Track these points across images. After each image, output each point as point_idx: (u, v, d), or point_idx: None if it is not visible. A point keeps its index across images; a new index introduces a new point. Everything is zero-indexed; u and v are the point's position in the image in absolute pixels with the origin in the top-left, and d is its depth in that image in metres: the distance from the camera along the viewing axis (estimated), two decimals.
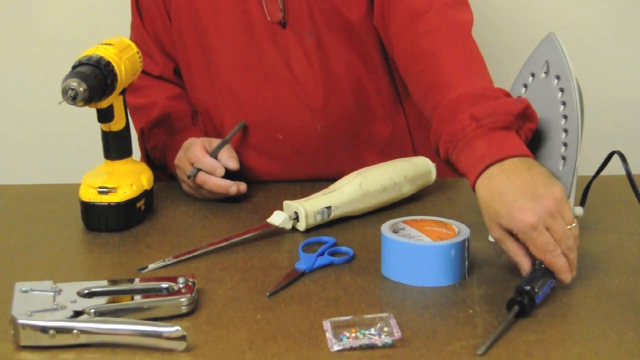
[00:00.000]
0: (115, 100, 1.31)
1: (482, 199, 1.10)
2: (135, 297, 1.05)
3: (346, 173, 1.36)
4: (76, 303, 1.02)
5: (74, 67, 1.25)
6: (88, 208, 1.31)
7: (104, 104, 1.29)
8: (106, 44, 1.30)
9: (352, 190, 1.32)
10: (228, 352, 0.98)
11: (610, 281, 1.14)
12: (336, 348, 0.97)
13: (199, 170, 1.39)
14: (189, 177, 1.39)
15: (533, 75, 1.19)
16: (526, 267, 1.08)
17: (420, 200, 1.41)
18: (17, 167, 2.09)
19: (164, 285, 1.07)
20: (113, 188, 1.30)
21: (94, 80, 1.23)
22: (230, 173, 1.41)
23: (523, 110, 1.15)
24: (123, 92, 1.33)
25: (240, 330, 1.02)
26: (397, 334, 0.98)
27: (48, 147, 2.10)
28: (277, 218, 1.28)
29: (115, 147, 1.34)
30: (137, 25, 1.57)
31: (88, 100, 1.24)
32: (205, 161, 1.39)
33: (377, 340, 0.98)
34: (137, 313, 1.03)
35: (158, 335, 0.97)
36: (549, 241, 1.06)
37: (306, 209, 1.28)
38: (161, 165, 1.52)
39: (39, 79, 2.04)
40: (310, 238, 1.26)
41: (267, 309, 1.07)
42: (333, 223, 1.31)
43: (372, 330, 0.99)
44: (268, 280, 1.14)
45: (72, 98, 1.22)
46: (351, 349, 0.97)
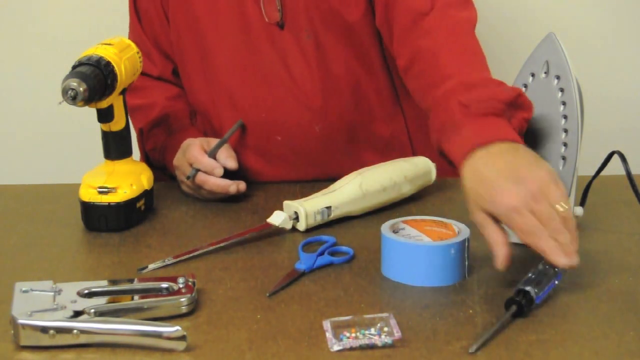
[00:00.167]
0: (115, 100, 1.31)
1: (466, 183, 1.09)
2: (135, 297, 1.05)
3: (345, 174, 1.36)
4: (76, 303, 1.02)
5: (74, 67, 1.25)
6: (88, 208, 1.31)
7: (104, 104, 1.29)
8: (106, 44, 1.30)
9: (352, 190, 1.32)
10: (228, 352, 0.98)
11: (610, 281, 1.14)
12: (336, 348, 0.97)
13: (198, 170, 1.39)
14: (188, 178, 1.39)
15: (533, 75, 1.19)
16: (500, 257, 1.06)
17: (420, 200, 1.41)
18: (17, 167, 2.09)
19: (164, 285, 1.07)
20: (113, 188, 1.30)
21: (94, 80, 1.23)
22: (229, 173, 1.41)
23: (514, 98, 1.15)
24: (123, 92, 1.33)
25: (240, 330, 1.02)
26: (397, 334, 0.98)
27: (48, 147, 2.10)
28: (277, 218, 1.28)
29: (115, 147, 1.34)
30: (135, 26, 1.57)
31: (88, 100, 1.24)
32: (203, 161, 1.39)
33: (377, 340, 0.98)
34: (137, 313, 1.03)
35: (158, 335, 0.97)
36: (533, 224, 1.04)
37: (306, 209, 1.28)
38: (160, 166, 1.52)
39: (39, 79, 2.04)
40: (310, 238, 1.26)
41: (267, 309, 1.07)
42: (333, 223, 1.31)
43: (372, 330, 0.99)
44: (268, 280, 1.14)
45: (72, 98, 1.22)
46: (351, 349, 0.97)
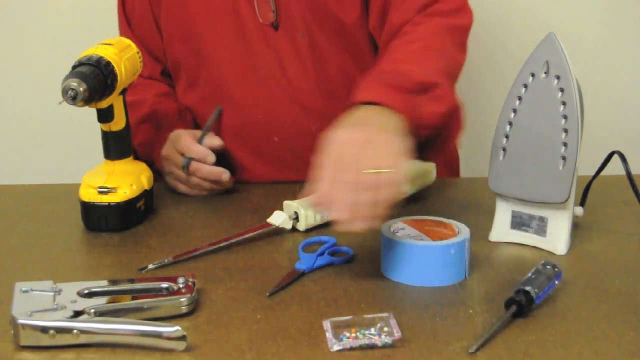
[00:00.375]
0: (115, 100, 1.31)
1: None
2: (135, 297, 1.05)
3: None
4: (76, 303, 1.02)
5: (74, 67, 1.25)
6: (88, 208, 1.31)
7: (104, 104, 1.29)
8: (106, 44, 1.30)
9: None
10: (228, 352, 0.98)
11: (610, 281, 1.14)
12: (336, 348, 0.97)
13: (191, 159, 1.40)
14: (184, 168, 1.40)
15: (533, 75, 1.19)
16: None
17: (420, 200, 1.41)
18: (17, 167, 2.09)
19: (164, 285, 1.07)
20: (113, 188, 1.30)
21: (94, 80, 1.23)
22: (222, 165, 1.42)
23: (428, 84, 1.17)
24: (123, 92, 1.33)
25: (240, 330, 1.02)
26: (397, 334, 0.98)
27: (48, 147, 2.10)
28: (277, 218, 1.28)
29: (115, 147, 1.34)
30: (125, 29, 1.58)
31: (88, 100, 1.24)
32: (196, 149, 1.41)
33: (377, 340, 0.98)
34: (137, 313, 1.03)
35: (158, 335, 0.97)
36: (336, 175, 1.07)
37: (306, 209, 1.28)
38: (147, 161, 1.52)
39: (39, 79, 2.04)
40: (310, 238, 1.26)
41: (267, 309, 1.07)
42: (333, 223, 1.31)
43: (372, 330, 0.99)
44: (268, 280, 1.14)
45: (72, 98, 1.22)
46: (351, 349, 0.97)
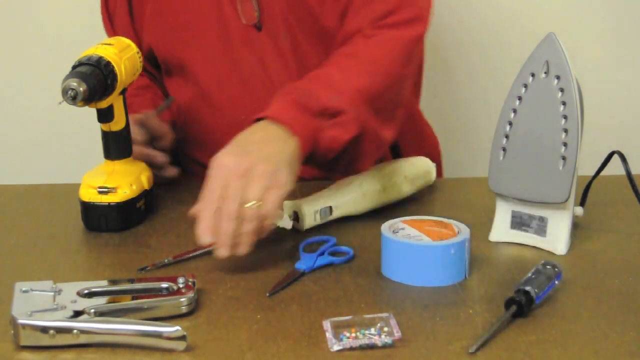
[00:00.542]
0: (115, 100, 1.31)
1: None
2: (135, 297, 1.05)
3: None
4: (76, 303, 1.02)
5: (74, 67, 1.25)
6: (88, 208, 1.31)
7: (104, 104, 1.29)
8: (106, 44, 1.30)
9: (352, 190, 1.32)
10: (228, 352, 0.98)
11: (610, 281, 1.14)
12: (336, 348, 0.97)
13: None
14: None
15: (533, 75, 1.19)
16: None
17: (420, 200, 1.41)
18: (17, 167, 2.09)
19: (164, 285, 1.07)
20: (113, 188, 1.30)
21: (94, 80, 1.23)
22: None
23: (333, 109, 1.19)
24: (123, 92, 1.33)
25: (240, 330, 1.02)
26: (397, 334, 0.98)
27: (48, 147, 2.10)
28: (277, 218, 1.28)
29: (115, 147, 1.34)
30: (108, 29, 1.58)
31: (88, 100, 1.24)
32: (133, 130, 1.41)
33: (377, 340, 0.98)
34: (137, 313, 1.03)
35: (158, 335, 0.97)
36: (216, 192, 1.11)
37: (306, 209, 1.28)
38: None
39: (39, 79, 2.04)
40: (310, 238, 1.26)
41: (267, 309, 1.07)
42: (333, 223, 1.31)
43: (372, 330, 0.99)
44: (268, 280, 1.14)
45: (72, 98, 1.22)
46: (351, 349, 0.97)
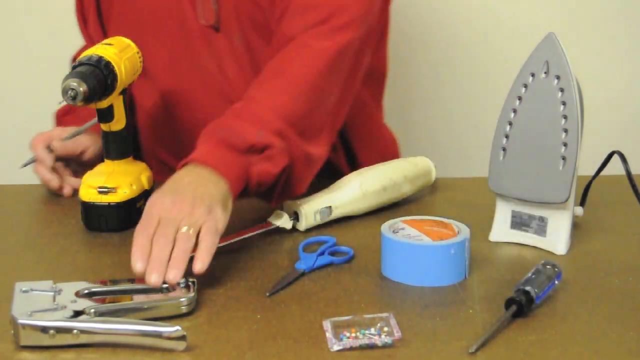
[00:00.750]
0: (115, 100, 1.31)
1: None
2: (135, 297, 1.05)
3: None
4: (76, 303, 1.02)
5: (74, 67, 1.25)
6: (88, 208, 1.31)
7: (104, 104, 1.29)
8: (106, 44, 1.30)
9: (352, 190, 1.32)
10: (228, 352, 0.98)
11: (610, 281, 1.14)
12: (336, 348, 0.97)
13: (34, 160, 1.46)
14: (24, 166, 1.46)
15: (533, 75, 1.19)
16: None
17: (420, 200, 1.41)
18: (17, 167, 2.09)
19: (164, 285, 1.07)
20: (113, 188, 1.30)
21: (94, 80, 1.23)
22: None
23: (261, 145, 1.20)
24: (123, 92, 1.33)
25: (240, 330, 1.02)
26: (397, 334, 0.98)
27: None
28: (277, 218, 1.28)
29: (115, 147, 1.34)
30: (82, 28, 1.58)
31: (88, 100, 1.24)
32: (37, 152, 1.44)
33: (377, 340, 0.98)
34: (137, 313, 1.03)
35: (158, 335, 0.97)
36: (150, 229, 1.10)
37: (306, 209, 1.28)
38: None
39: (39, 79, 2.04)
40: (310, 238, 1.26)
41: (267, 309, 1.07)
42: (333, 223, 1.31)
43: (372, 330, 0.99)
44: (268, 280, 1.14)
45: (72, 98, 1.22)
46: (351, 349, 0.97)
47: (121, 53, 1.29)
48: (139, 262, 1.07)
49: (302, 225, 1.29)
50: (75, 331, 0.98)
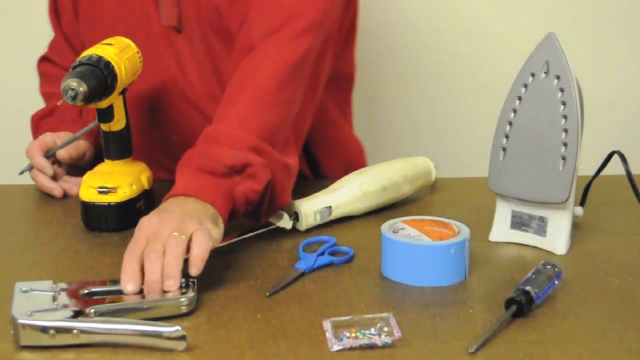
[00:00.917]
0: (115, 100, 1.31)
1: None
2: (135, 297, 1.05)
3: None
4: (76, 303, 1.02)
5: (74, 67, 1.25)
6: (88, 208, 1.31)
7: (104, 104, 1.29)
8: (106, 44, 1.30)
9: (352, 190, 1.32)
10: (228, 352, 0.98)
11: (610, 281, 1.14)
12: (336, 348, 0.97)
13: (32, 167, 1.45)
14: (21, 173, 1.46)
15: (533, 75, 1.19)
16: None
17: (420, 200, 1.41)
18: (17, 167, 2.09)
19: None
20: (113, 188, 1.30)
21: (94, 80, 1.23)
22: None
23: (240, 165, 1.19)
24: (123, 92, 1.33)
25: (240, 330, 1.02)
26: (397, 334, 0.98)
27: None
28: (277, 218, 1.28)
29: (115, 147, 1.34)
30: (53, 23, 1.59)
31: (88, 100, 1.24)
32: (36, 160, 1.43)
33: (377, 340, 0.98)
34: (137, 313, 1.03)
35: (158, 335, 0.97)
36: (138, 246, 1.09)
37: (306, 209, 1.28)
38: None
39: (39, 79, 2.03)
40: (310, 238, 1.26)
41: (267, 309, 1.07)
42: (333, 223, 1.31)
43: (372, 330, 0.99)
44: (268, 280, 1.14)
45: (72, 98, 1.22)
46: (351, 349, 0.97)
47: (121, 53, 1.29)
48: (130, 285, 1.06)
49: (302, 225, 1.29)
50: (75, 331, 0.98)
